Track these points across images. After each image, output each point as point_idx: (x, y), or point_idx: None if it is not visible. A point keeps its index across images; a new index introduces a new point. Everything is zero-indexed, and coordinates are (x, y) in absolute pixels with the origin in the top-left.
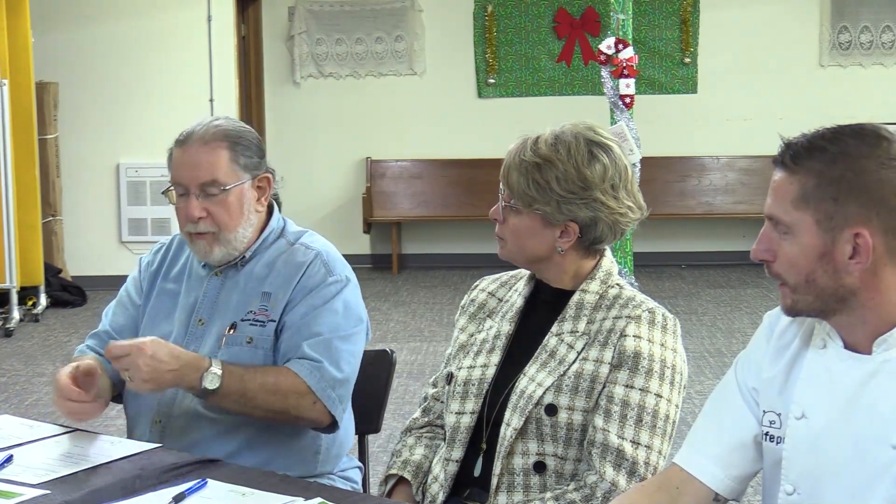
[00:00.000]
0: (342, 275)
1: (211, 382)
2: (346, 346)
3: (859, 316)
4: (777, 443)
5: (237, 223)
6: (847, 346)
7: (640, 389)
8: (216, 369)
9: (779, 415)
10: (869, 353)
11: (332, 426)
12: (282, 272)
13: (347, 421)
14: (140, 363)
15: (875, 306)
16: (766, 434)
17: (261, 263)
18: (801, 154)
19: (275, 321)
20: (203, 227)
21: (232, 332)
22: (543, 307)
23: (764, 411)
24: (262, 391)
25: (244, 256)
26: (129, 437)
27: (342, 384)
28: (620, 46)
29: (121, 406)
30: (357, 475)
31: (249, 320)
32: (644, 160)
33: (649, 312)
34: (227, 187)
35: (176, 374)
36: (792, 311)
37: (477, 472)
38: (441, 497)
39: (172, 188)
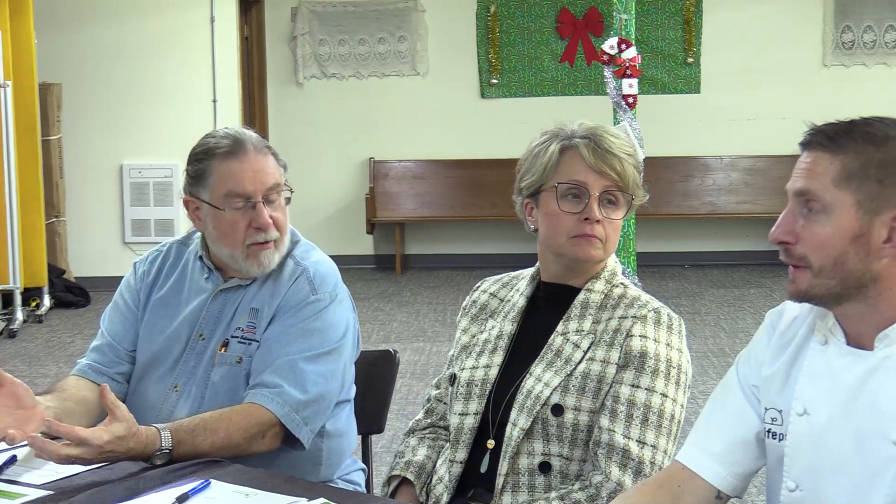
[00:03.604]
0: (326, 292)
1: (160, 459)
2: (314, 367)
3: (871, 306)
4: (779, 440)
5: (288, 225)
6: (849, 342)
7: (646, 389)
8: (167, 445)
9: (780, 412)
10: (871, 348)
11: (295, 445)
12: (270, 288)
13: (348, 424)
14: (94, 456)
15: (888, 297)
16: (769, 431)
17: (261, 276)
18: (842, 135)
19: (259, 341)
20: (273, 234)
21: (224, 350)
22: (546, 307)
23: (766, 408)
24: (212, 448)
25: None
26: None
27: (307, 405)
28: (623, 46)
29: None
30: (360, 477)
31: (238, 338)
32: (647, 160)
33: (655, 312)
34: (285, 190)
35: (125, 458)
36: (804, 297)
37: (483, 468)
38: (445, 498)
39: (228, 202)
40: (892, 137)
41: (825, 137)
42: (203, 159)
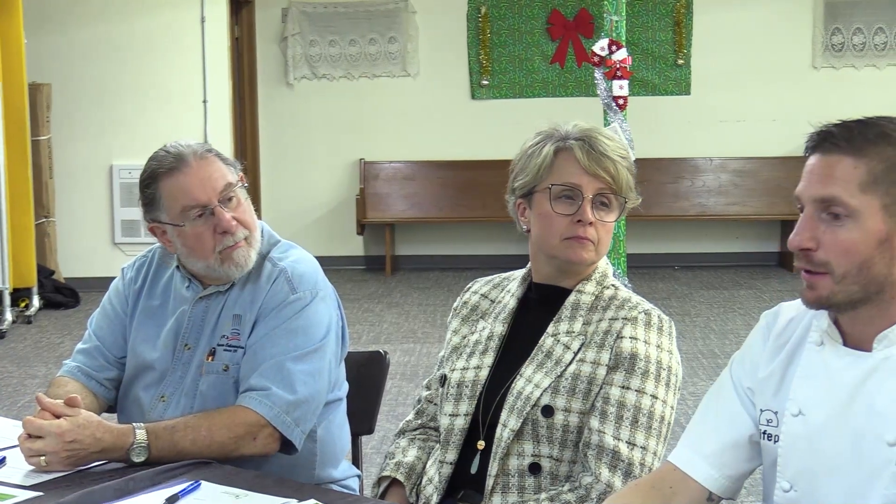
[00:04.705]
0: (306, 290)
1: (138, 455)
2: (301, 367)
3: (882, 309)
4: (775, 441)
5: (255, 220)
6: (846, 343)
7: (635, 391)
8: (141, 438)
9: (776, 413)
10: (869, 349)
11: (290, 449)
12: (250, 292)
13: (341, 426)
14: (59, 449)
15: None
16: (764, 433)
17: (240, 281)
18: (858, 137)
19: (244, 347)
20: (241, 234)
21: (211, 359)
22: (536, 308)
23: (761, 410)
24: (194, 447)
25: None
26: None
27: (297, 406)
28: (614, 48)
29: (114, 412)
30: (356, 483)
31: (224, 346)
32: (637, 161)
33: (645, 314)
34: (239, 186)
35: (99, 455)
36: (824, 304)
37: (474, 469)
38: (435, 499)
39: (186, 216)
40: None
41: (842, 140)
42: (150, 184)
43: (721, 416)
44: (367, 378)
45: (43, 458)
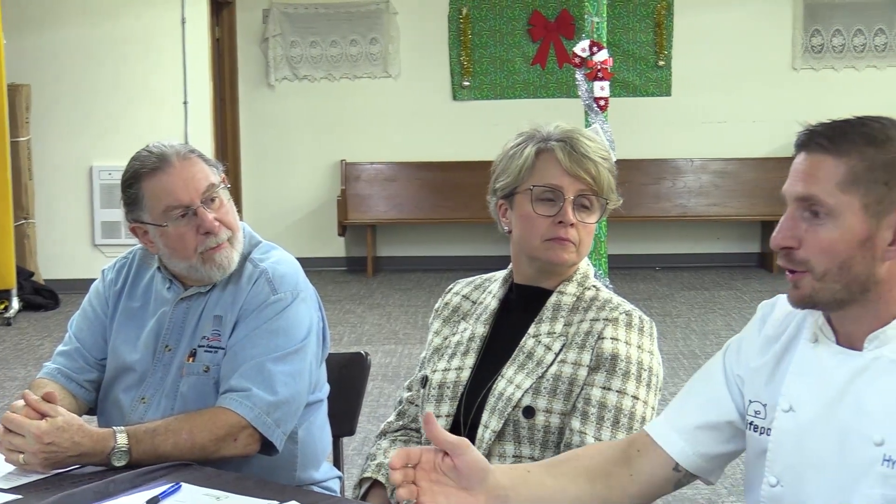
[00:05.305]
0: (287, 291)
1: (119, 460)
2: (281, 368)
3: (869, 309)
4: (761, 433)
5: (237, 221)
6: (839, 341)
7: (616, 391)
8: (122, 444)
9: (764, 405)
10: (860, 348)
11: (270, 450)
12: (231, 293)
13: (320, 428)
14: (36, 450)
15: (887, 300)
16: (751, 424)
17: (221, 282)
18: (841, 137)
19: (225, 348)
20: (224, 235)
21: (191, 360)
22: (518, 309)
23: (750, 401)
24: (176, 450)
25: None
26: None
27: (278, 406)
28: (595, 49)
29: (94, 415)
30: (337, 485)
31: (205, 346)
32: (618, 162)
33: (626, 315)
34: (221, 187)
35: (78, 458)
36: (807, 302)
37: None
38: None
39: (168, 217)
40: (893, 138)
41: (825, 139)
42: (133, 184)
43: (706, 397)
44: (348, 379)
45: (21, 455)
